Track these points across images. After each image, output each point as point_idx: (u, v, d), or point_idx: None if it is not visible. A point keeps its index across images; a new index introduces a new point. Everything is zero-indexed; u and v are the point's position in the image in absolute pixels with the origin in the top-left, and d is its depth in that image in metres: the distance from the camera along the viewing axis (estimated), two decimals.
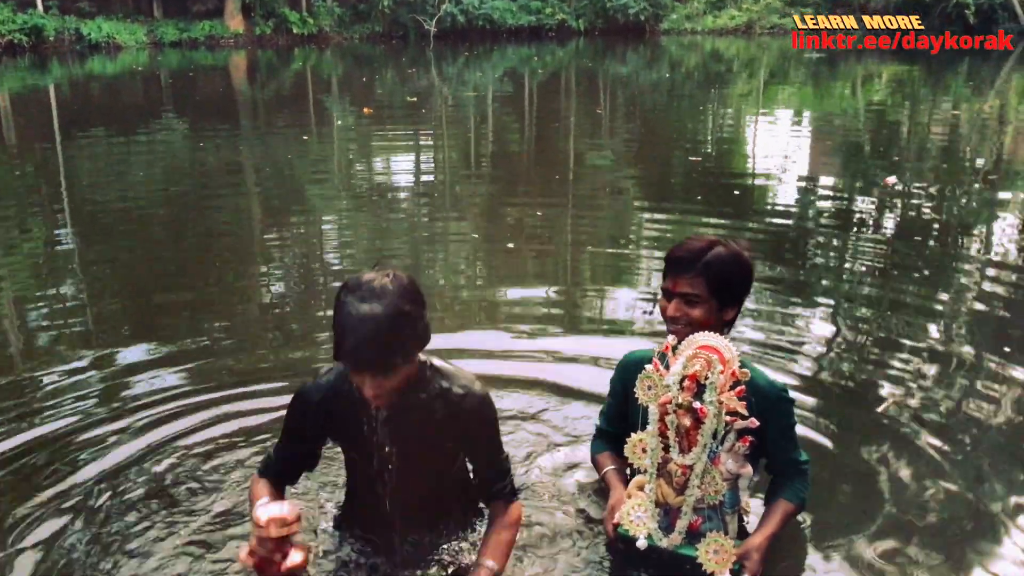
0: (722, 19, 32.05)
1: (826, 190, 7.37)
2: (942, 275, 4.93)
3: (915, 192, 6.87)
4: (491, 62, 23.21)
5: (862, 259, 5.21)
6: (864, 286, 4.74)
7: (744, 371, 2.01)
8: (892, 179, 7.09)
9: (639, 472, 2.21)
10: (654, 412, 2.06)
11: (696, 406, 2.00)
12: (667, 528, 2.13)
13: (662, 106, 14.27)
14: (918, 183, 7.17)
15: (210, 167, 8.64)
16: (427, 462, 2.05)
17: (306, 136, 10.73)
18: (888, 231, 6.01)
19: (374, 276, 1.77)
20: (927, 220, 6.20)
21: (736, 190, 7.26)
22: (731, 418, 2.02)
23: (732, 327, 2.22)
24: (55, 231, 6.05)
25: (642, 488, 2.17)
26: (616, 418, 2.39)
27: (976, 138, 10.40)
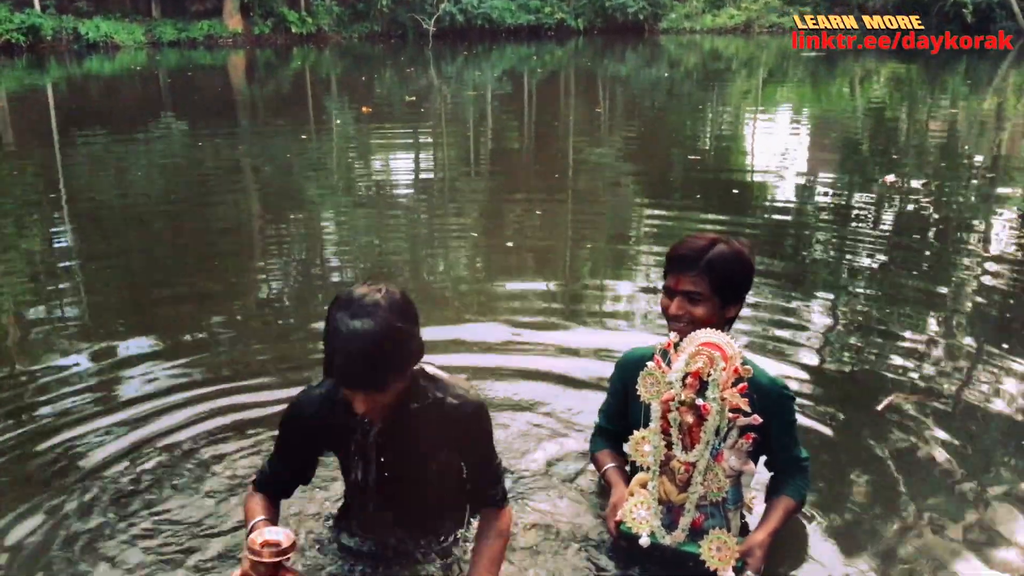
0: (721, 18, 32.08)
1: (825, 187, 7.36)
2: (941, 269, 4.94)
3: (913, 189, 6.87)
4: (490, 61, 23.19)
5: (861, 255, 5.20)
6: (863, 281, 4.74)
7: (746, 368, 2.01)
8: (891, 177, 7.08)
9: (640, 470, 2.21)
10: (656, 409, 2.06)
11: (699, 403, 2.00)
12: (670, 525, 2.13)
13: (661, 105, 14.26)
14: (915, 180, 7.16)
15: (208, 166, 8.63)
16: (422, 471, 2.03)
17: (304, 135, 10.72)
18: (887, 227, 6.01)
19: (366, 291, 1.73)
20: (925, 216, 6.20)
21: (735, 188, 7.26)
22: (734, 415, 2.02)
23: (733, 324, 2.22)
24: (52, 229, 6.03)
25: (644, 485, 2.17)
26: (616, 416, 2.39)
27: (975, 135, 10.40)
